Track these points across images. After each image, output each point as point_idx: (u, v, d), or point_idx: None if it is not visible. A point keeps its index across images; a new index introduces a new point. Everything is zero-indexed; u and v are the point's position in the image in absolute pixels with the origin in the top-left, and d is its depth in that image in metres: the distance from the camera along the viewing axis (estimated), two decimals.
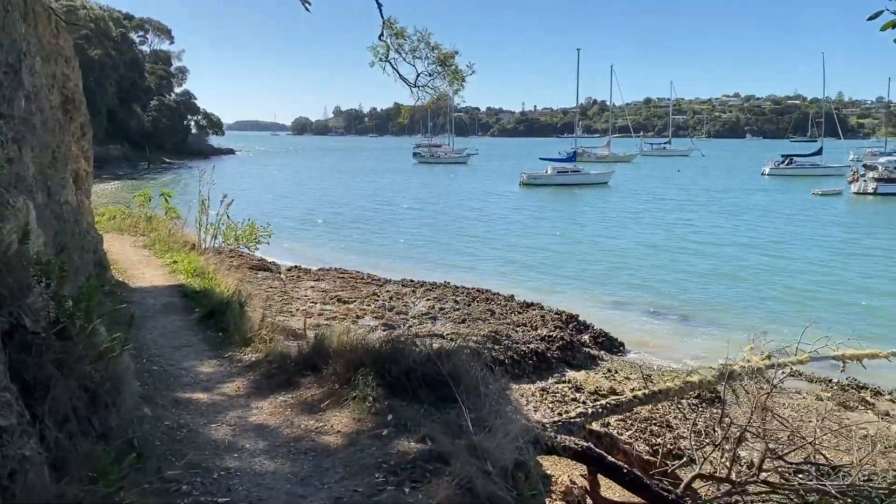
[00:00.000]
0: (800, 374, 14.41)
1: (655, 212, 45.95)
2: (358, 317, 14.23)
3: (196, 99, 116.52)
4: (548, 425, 6.44)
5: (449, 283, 21.41)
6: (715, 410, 7.91)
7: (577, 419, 6.49)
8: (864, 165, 61.32)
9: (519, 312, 17.25)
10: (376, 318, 14.24)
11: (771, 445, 8.03)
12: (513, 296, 20.34)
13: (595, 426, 7.57)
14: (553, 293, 22.47)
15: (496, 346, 12.88)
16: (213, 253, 12.76)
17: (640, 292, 22.50)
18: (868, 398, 13.21)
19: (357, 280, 19.00)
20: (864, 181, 56.99)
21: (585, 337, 15.98)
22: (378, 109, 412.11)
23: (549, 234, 35.81)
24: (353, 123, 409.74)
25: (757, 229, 37.31)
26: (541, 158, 75.14)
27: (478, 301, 17.80)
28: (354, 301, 15.67)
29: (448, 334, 13.02)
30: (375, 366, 5.43)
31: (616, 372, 13.79)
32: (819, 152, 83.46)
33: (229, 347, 6.40)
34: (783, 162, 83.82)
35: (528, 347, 13.40)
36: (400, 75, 9.83)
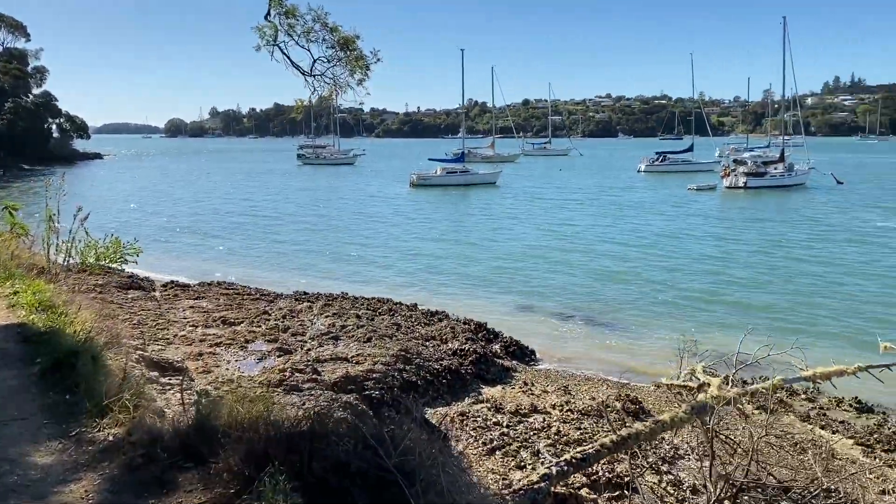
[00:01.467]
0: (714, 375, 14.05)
1: (545, 211, 46.18)
2: (247, 341, 12.56)
3: (57, 101, 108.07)
4: (508, 497, 5.26)
5: (347, 294, 19.99)
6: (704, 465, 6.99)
7: (542, 484, 5.38)
8: (734, 161, 64.53)
9: (426, 324, 16.07)
10: (269, 341, 12.62)
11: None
12: (416, 304, 19.16)
13: (560, 487, 6.47)
14: (456, 299, 21.50)
15: (407, 367, 11.63)
16: (69, 276, 10.75)
17: (541, 295, 21.91)
18: (785, 398, 12.95)
19: (244, 296, 17.18)
20: (735, 176, 59.94)
21: (496, 347, 15.05)
22: (258, 110, 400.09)
23: (445, 237, 34.93)
24: (232, 125, 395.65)
25: (644, 226, 38.00)
26: (430, 159, 74.47)
27: (381, 314, 16.48)
28: (242, 322, 13.94)
29: (353, 357, 11.63)
30: (289, 458, 3.89)
31: (532, 385, 12.88)
32: (690, 149, 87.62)
33: (79, 419, 4.73)
34: (657, 159, 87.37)
35: (440, 365, 12.24)
36: (291, 62, 8.39)
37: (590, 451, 4.93)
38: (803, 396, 13.01)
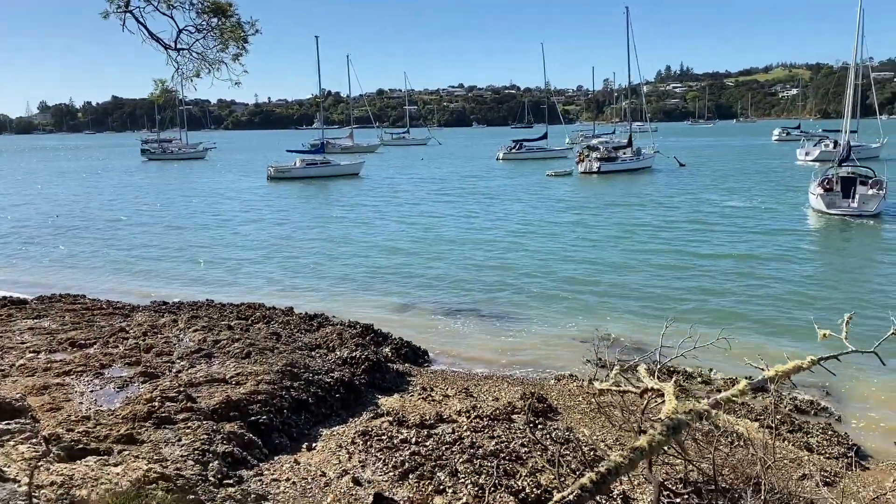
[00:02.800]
0: (612, 365, 13.86)
1: (414, 202, 45.50)
2: (103, 366, 10.78)
3: None
4: None
5: (213, 301, 18.25)
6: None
7: None
8: (587, 147, 66.98)
9: (307, 331, 14.82)
10: (129, 364, 10.90)
11: None
12: (291, 308, 17.81)
13: None
14: (331, 300, 20.28)
15: (295, 384, 10.39)
16: None
17: (421, 290, 21.09)
18: (681, 382, 12.92)
19: (94, 311, 15.05)
20: (590, 161, 62.27)
21: (386, 350, 14.07)
22: (94, 104, 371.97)
23: (311, 233, 33.29)
24: (65, 120, 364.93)
25: (511, 213, 38.24)
26: (288, 151, 71.69)
27: (255, 323, 15.01)
28: (94, 343, 12.04)
29: (232, 377, 10.22)
30: None
31: (432, 389, 12.03)
32: (545, 137, 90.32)
33: None
34: (514, 147, 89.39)
35: (331, 378, 11.09)
36: (149, 32, 6.92)
37: (570, 497, 4.13)
38: (699, 380, 13.03)
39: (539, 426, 10.09)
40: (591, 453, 8.95)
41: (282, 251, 28.17)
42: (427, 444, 9.16)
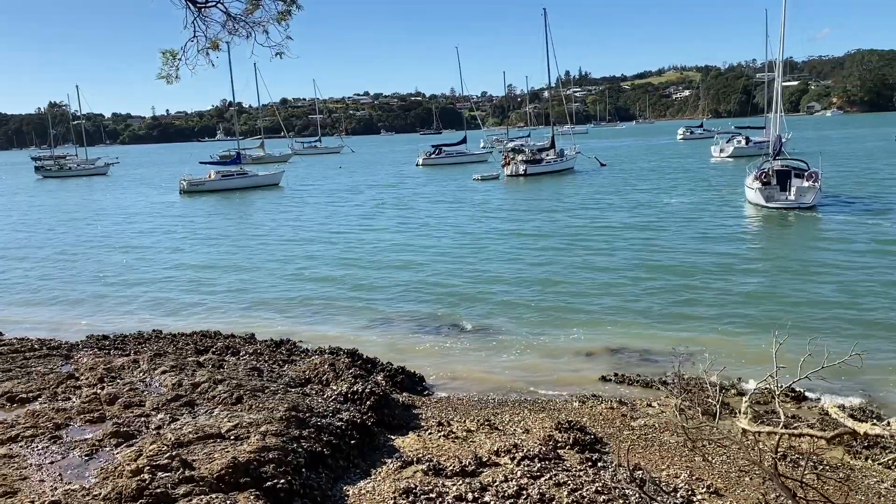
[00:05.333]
0: (633, 381, 12.72)
1: (346, 211, 43.46)
2: (58, 426, 8.67)
3: None
4: None
5: (160, 331, 16.04)
6: None
7: None
8: (512, 149, 66.65)
9: (286, 361, 12.96)
10: (92, 421, 8.82)
11: None
12: (253, 335, 15.89)
13: None
14: (291, 321, 18.35)
15: (305, 432, 8.64)
16: None
17: (384, 305, 19.45)
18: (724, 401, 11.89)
19: (24, 352, 12.61)
20: (516, 164, 61.87)
21: (379, 378, 12.38)
22: None
23: (241, 250, 30.89)
24: None
25: (450, 220, 36.93)
26: (201, 162, 67.91)
27: (221, 354, 13.03)
28: (39, 395, 9.81)
29: (230, 431, 8.35)
30: None
31: (449, 424, 10.49)
32: (464, 141, 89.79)
33: None
34: (434, 152, 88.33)
35: (341, 420, 9.38)
36: None
37: None
38: (733, 392, 12.01)
39: (599, 464, 8.75)
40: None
41: (214, 271, 25.74)
42: (486, 499, 7.64)
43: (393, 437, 10.03)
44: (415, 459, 8.87)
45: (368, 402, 10.42)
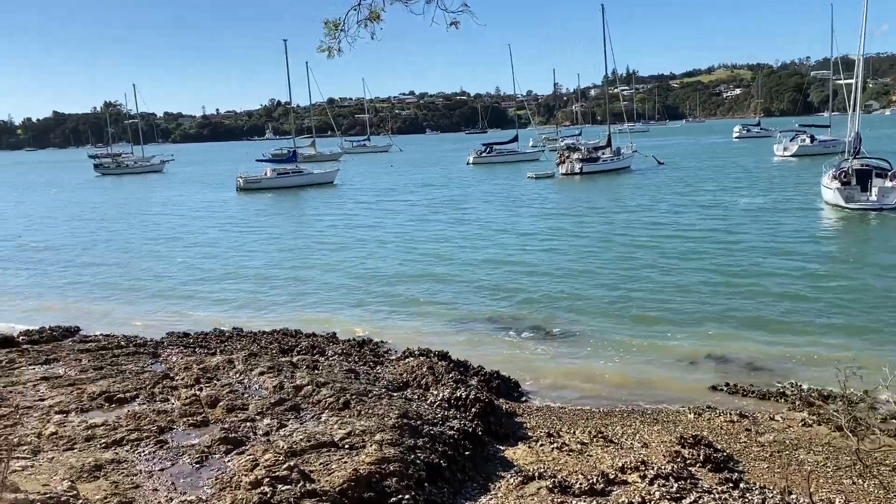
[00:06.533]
0: (747, 392, 11.86)
1: (404, 210, 43.05)
2: (162, 430, 8.29)
3: None
4: None
5: (241, 329, 15.77)
6: None
7: None
8: (568, 147, 65.54)
9: (376, 362, 12.49)
10: (196, 425, 8.43)
11: None
12: (334, 334, 15.49)
13: None
14: (358, 319, 17.92)
15: (419, 442, 8.09)
16: None
17: (464, 306, 18.86)
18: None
19: (112, 349, 12.40)
20: (571, 162, 60.75)
21: (473, 382, 11.80)
22: (34, 119, 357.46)
23: (304, 247, 30.67)
24: (3, 137, 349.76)
25: (514, 219, 36.20)
26: (258, 160, 68.43)
27: (305, 353, 12.61)
28: (137, 395, 9.48)
29: (342, 439, 7.84)
30: None
31: (559, 435, 9.85)
32: (515, 140, 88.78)
33: None
34: (485, 151, 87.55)
35: (451, 429, 8.81)
36: None
37: None
38: (864, 406, 11.04)
39: (742, 485, 8.00)
40: None
41: (276, 269, 25.46)
42: None
43: (501, 447, 9.44)
44: (535, 475, 8.22)
45: (474, 410, 9.85)
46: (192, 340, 14.15)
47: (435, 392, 10.34)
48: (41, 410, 9.05)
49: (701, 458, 8.74)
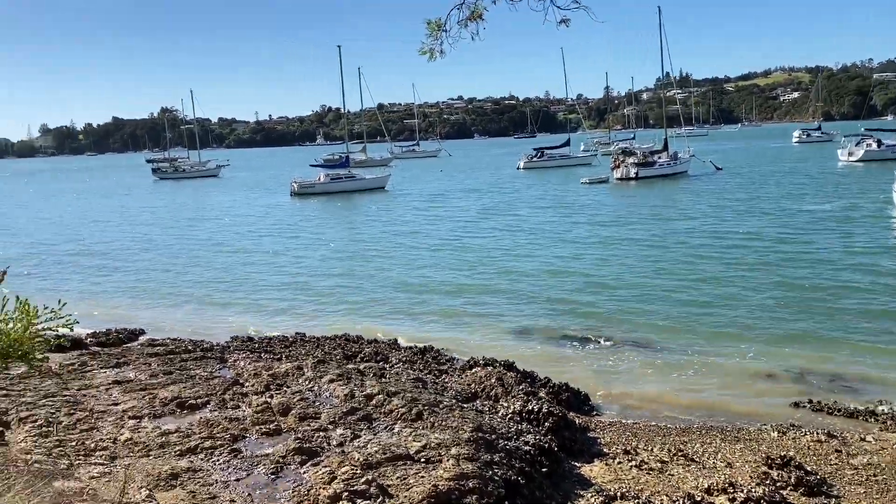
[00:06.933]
0: (833, 410, 11.25)
1: (458, 215, 42.86)
2: (235, 438, 8.22)
3: None
4: None
5: (304, 334, 15.75)
6: None
7: None
8: (623, 152, 64.54)
9: (441, 371, 12.28)
10: (268, 433, 8.32)
11: None
12: (395, 340, 15.36)
13: None
14: (416, 325, 17.75)
15: (496, 457, 7.82)
16: None
17: (521, 314, 18.53)
18: None
19: (180, 353, 12.48)
20: (626, 167, 59.76)
21: (542, 394, 11.47)
22: (95, 125, 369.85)
23: (359, 252, 30.74)
24: (66, 142, 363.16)
25: (572, 225, 35.69)
26: (311, 165, 69.28)
27: (366, 360, 12.48)
28: (208, 401, 9.46)
29: (418, 452, 7.63)
30: None
31: (636, 452, 9.46)
32: (567, 144, 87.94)
33: None
34: (536, 155, 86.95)
35: (527, 444, 8.52)
36: None
37: None
38: None
39: None
40: None
41: (332, 274, 25.51)
42: None
43: (577, 463, 9.10)
44: (617, 494, 7.89)
45: (547, 424, 9.54)
46: (257, 345, 14.15)
47: (505, 404, 10.06)
48: (115, 415, 9.08)
49: (792, 480, 8.26)
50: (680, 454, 9.37)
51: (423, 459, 7.58)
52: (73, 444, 8.10)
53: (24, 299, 6.37)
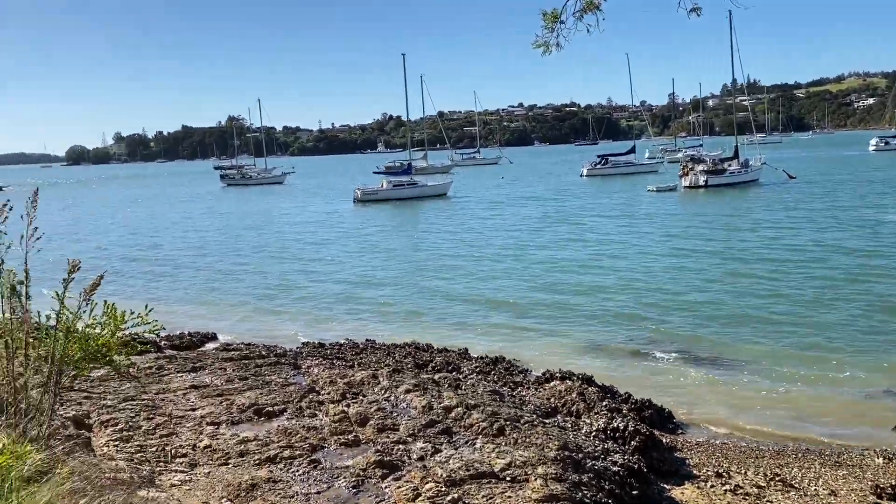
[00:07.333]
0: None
1: (513, 224, 42.32)
2: (314, 448, 8.05)
3: None
4: None
5: (374, 340, 15.62)
6: None
7: None
8: (691, 159, 62.94)
9: (517, 383, 11.91)
10: (347, 444, 8.13)
11: None
12: (466, 350, 15.04)
13: None
14: (488, 336, 17.39)
15: (584, 478, 7.42)
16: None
17: (594, 326, 17.97)
18: None
19: (255, 359, 12.46)
20: (695, 175, 58.18)
21: (624, 410, 10.97)
22: (165, 133, 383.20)
23: (422, 260, 30.59)
24: (138, 149, 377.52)
25: (641, 235, 34.78)
26: (374, 172, 69.91)
27: (440, 370, 12.21)
28: (285, 409, 9.34)
29: (503, 470, 7.30)
30: None
31: (728, 476, 8.91)
32: (633, 151, 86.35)
33: None
34: (600, 162, 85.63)
35: (615, 464, 8.09)
36: None
37: None
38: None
39: None
40: None
41: (409, 280, 25.42)
42: None
43: (667, 486, 8.61)
44: None
45: (633, 443, 9.08)
46: (328, 352, 14.07)
47: (588, 421, 9.64)
48: (193, 420, 9.03)
49: None
50: (777, 479, 8.78)
51: (508, 478, 7.23)
52: (154, 449, 8.06)
53: (111, 304, 6.30)
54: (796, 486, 8.67)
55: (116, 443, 8.24)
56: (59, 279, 5.28)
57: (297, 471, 7.57)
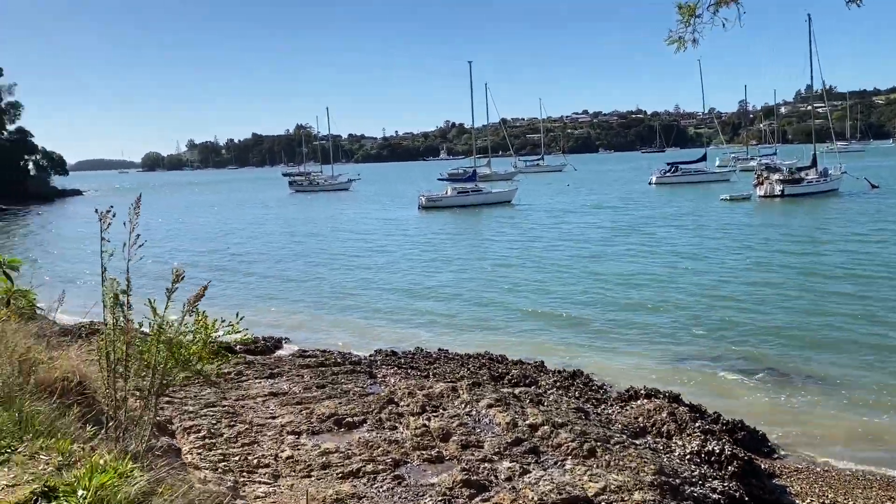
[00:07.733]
0: None
1: (582, 233, 41.47)
2: (397, 463, 7.83)
3: (33, 137, 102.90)
4: None
5: (447, 350, 15.40)
6: None
7: None
8: (767, 168, 60.83)
9: (599, 400, 11.46)
10: (430, 461, 7.88)
11: None
12: (542, 363, 14.62)
13: None
14: (562, 348, 16.91)
15: None
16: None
17: (675, 337, 17.31)
18: None
19: (330, 366, 12.40)
20: (771, 184, 56.13)
21: (717, 430, 10.38)
22: (236, 140, 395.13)
23: (490, 268, 30.25)
24: (210, 157, 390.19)
25: (720, 245, 33.59)
26: (439, 179, 70.04)
27: (518, 385, 11.86)
28: (364, 420, 9.16)
29: (597, 496, 6.91)
30: None
31: None
32: (703, 159, 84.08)
33: None
34: (669, 170, 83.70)
35: (713, 491, 7.60)
36: None
37: None
38: None
39: None
40: None
41: (476, 288, 25.14)
42: None
43: None
44: None
45: (730, 468, 8.53)
46: (402, 360, 13.89)
47: (680, 443, 9.14)
48: (274, 429, 8.94)
49: None
50: None
51: (603, 503, 6.85)
52: (237, 458, 7.98)
53: (202, 312, 6.20)
54: None
55: (199, 450, 8.18)
56: (144, 284, 5.19)
57: (381, 487, 7.36)
